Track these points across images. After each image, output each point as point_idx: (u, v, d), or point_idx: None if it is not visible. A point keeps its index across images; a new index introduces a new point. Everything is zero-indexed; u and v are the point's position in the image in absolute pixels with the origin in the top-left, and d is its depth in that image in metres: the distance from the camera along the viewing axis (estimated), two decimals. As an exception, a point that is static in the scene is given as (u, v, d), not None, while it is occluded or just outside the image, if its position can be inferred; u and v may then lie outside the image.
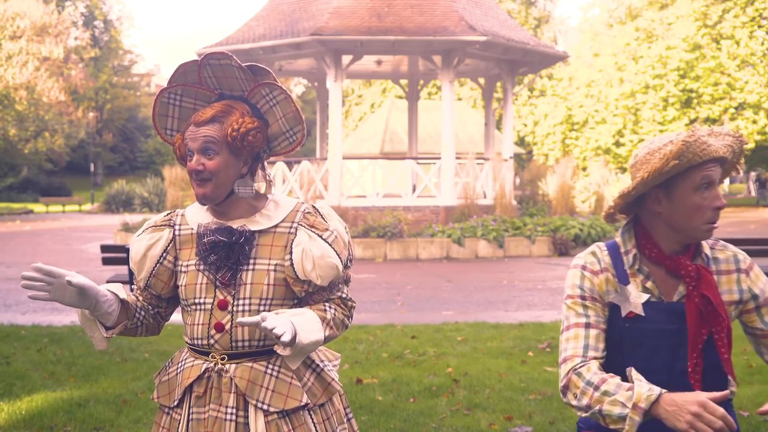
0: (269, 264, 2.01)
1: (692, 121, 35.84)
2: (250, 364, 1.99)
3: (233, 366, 1.99)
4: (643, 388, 1.77)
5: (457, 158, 17.27)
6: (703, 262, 1.99)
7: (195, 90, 2.05)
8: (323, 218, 2.05)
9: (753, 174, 52.79)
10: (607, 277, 1.99)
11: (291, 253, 2.00)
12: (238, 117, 2.00)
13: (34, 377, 5.54)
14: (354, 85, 49.72)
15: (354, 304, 2.13)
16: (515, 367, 5.82)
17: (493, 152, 19.47)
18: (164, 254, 2.07)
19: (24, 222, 28.63)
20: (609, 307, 1.98)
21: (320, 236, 2.01)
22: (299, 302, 2.07)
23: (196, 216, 2.10)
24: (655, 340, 1.93)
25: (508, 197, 17.35)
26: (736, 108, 35.58)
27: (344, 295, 2.09)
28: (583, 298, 1.99)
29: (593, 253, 2.04)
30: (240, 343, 1.99)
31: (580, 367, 1.90)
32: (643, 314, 1.94)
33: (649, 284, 1.97)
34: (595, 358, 1.93)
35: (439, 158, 17.15)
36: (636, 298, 1.95)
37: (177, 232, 2.09)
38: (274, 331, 1.79)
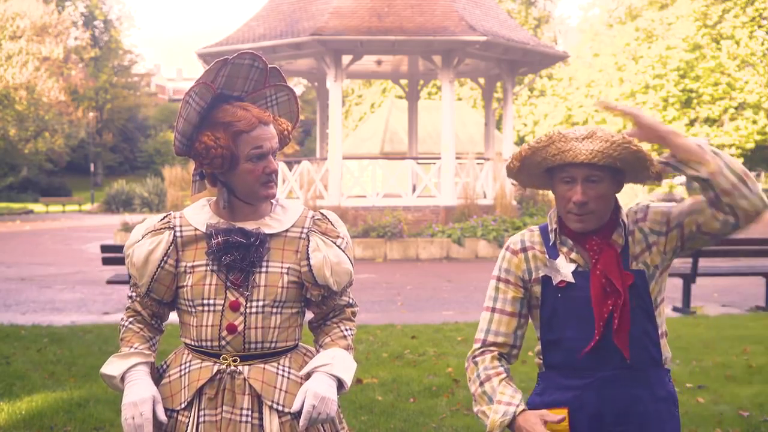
0: (282, 267, 2.01)
1: (692, 121, 35.89)
2: (261, 365, 2.00)
3: (246, 367, 1.99)
4: (498, 414, 1.95)
5: (457, 158, 17.27)
6: (620, 234, 2.03)
7: (208, 88, 1.94)
8: (333, 225, 2.09)
9: (753, 174, 52.77)
10: (533, 254, 2.10)
11: (308, 258, 2.02)
12: (278, 117, 2.07)
13: (34, 377, 5.54)
14: (354, 85, 49.70)
15: (357, 309, 2.18)
16: (515, 367, 5.81)
17: (493, 152, 19.47)
18: (165, 257, 2.02)
19: (24, 222, 28.63)
20: (541, 281, 2.07)
21: (334, 243, 2.05)
22: (308, 305, 2.11)
23: (198, 217, 2.06)
24: (586, 308, 2.01)
25: (508, 197, 17.34)
26: (736, 108, 35.59)
27: (351, 301, 2.16)
28: (498, 279, 2.13)
29: (520, 233, 2.16)
30: (253, 345, 1.99)
31: (479, 355, 2.09)
32: (573, 281, 2.02)
33: (573, 255, 2.05)
34: (494, 343, 2.09)
35: (439, 158, 17.15)
36: (565, 267, 2.04)
37: (178, 234, 2.04)
38: (323, 417, 1.94)
